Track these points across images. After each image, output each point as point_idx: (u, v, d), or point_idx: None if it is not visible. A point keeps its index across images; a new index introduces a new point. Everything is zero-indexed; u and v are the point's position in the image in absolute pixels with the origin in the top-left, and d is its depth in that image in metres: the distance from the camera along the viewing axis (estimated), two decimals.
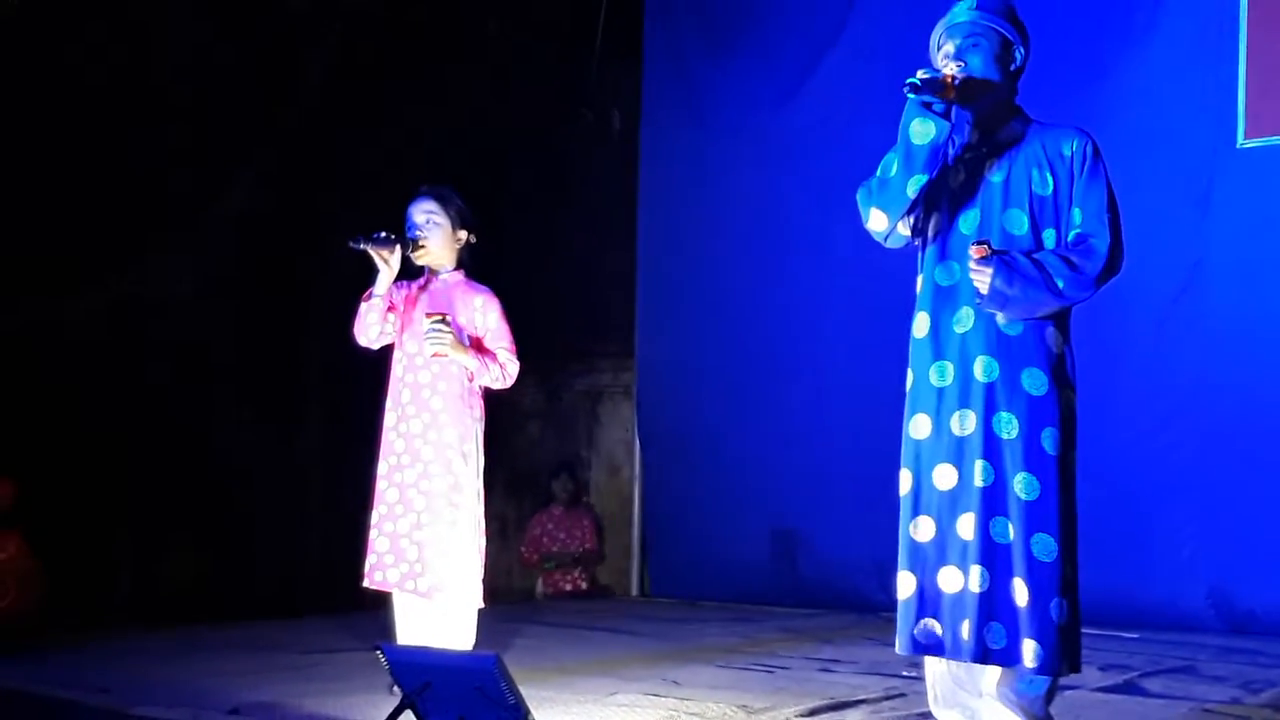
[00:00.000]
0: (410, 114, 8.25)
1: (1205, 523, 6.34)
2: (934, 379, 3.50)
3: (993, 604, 3.37)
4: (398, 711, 3.76)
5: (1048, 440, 3.39)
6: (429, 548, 4.79)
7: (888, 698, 4.60)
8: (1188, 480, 6.39)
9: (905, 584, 3.49)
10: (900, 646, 3.51)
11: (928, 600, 3.46)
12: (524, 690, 3.59)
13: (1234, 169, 6.44)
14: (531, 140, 8.80)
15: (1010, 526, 3.37)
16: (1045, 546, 3.35)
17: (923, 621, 3.46)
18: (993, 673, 3.46)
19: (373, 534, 4.86)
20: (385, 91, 8.21)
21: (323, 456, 6.99)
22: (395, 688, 4.32)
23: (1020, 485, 3.38)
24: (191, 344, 7.48)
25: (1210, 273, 6.45)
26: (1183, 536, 6.38)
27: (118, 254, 7.24)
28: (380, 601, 5.02)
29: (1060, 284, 3.38)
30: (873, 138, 3.54)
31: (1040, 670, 3.36)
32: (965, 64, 3.49)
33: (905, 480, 3.53)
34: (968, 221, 3.52)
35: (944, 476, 3.46)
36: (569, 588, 8.66)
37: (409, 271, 4.96)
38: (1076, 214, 3.47)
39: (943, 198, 3.56)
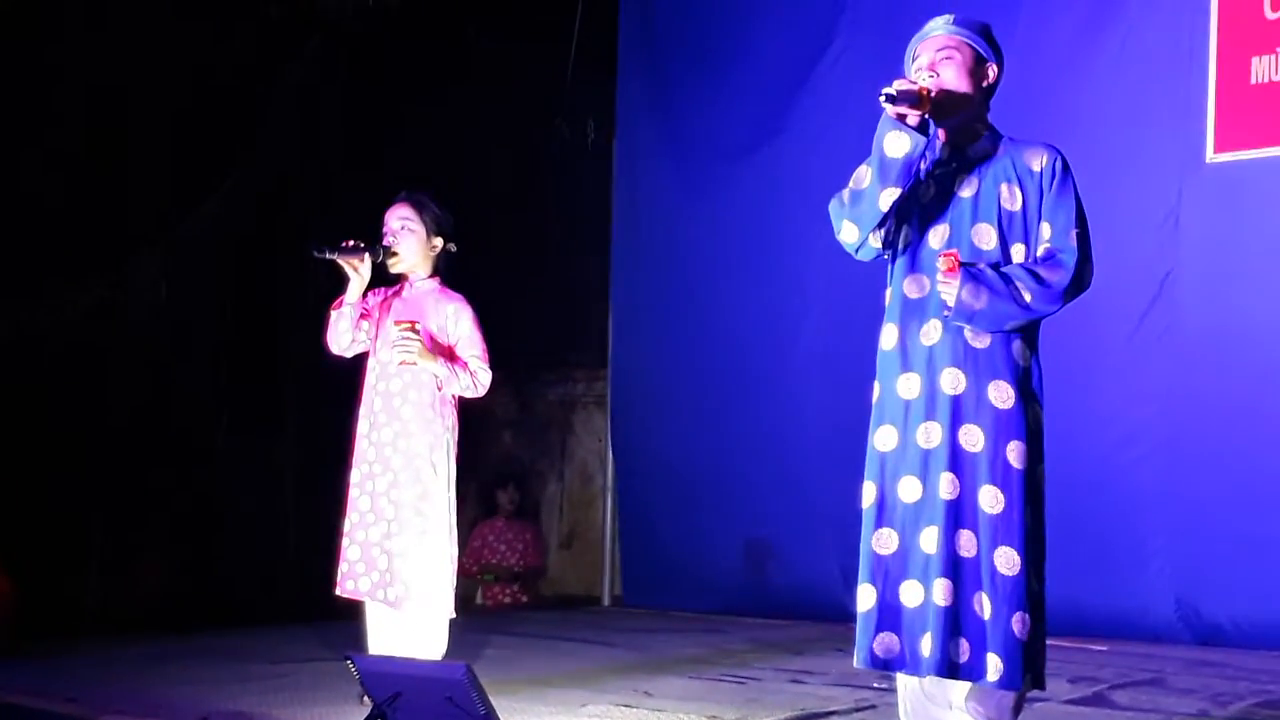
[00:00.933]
0: (387, 121, 8.24)
1: (1174, 535, 6.37)
2: (901, 391, 3.51)
3: (957, 618, 3.36)
4: None
5: (1013, 454, 3.39)
6: (398, 557, 4.79)
7: (858, 709, 4.61)
8: (1157, 493, 6.43)
9: (865, 597, 3.48)
10: (858, 660, 3.50)
11: (887, 614, 3.45)
12: (495, 701, 3.59)
13: (1203, 183, 6.47)
14: (507, 149, 8.80)
15: (974, 540, 3.37)
16: (1009, 560, 3.35)
17: (881, 635, 3.46)
18: (961, 687, 3.46)
19: (344, 542, 4.85)
20: (362, 99, 8.20)
21: (297, 464, 6.96)
22: (365, 697, 4.31)
23: (985, 498, 3.38)
24: (165, 350, 7.45)
25: (1180, 287, 6.48)
26: (1151, 548, 6.42)
27: (89, 259, 7.21)
28: (352, 611, 5.01)
29: (1027, 298, 3.39)
30: (850, 149, 3.55)
31: (1001, 685, 3.35)
32: (938, 75, 3.51)
33: (869, 492, 3.53)
34: (937, 236, 3.53)
35: (909, 489, 3.46)
36: (508, 600, 8.62)
37: (384, 278, 4.97)
38: (1045, 229, 3.48)
39: (913, 212, 3.58)
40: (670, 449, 8.01)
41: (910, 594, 3.42)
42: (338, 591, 4.87)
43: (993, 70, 3.58)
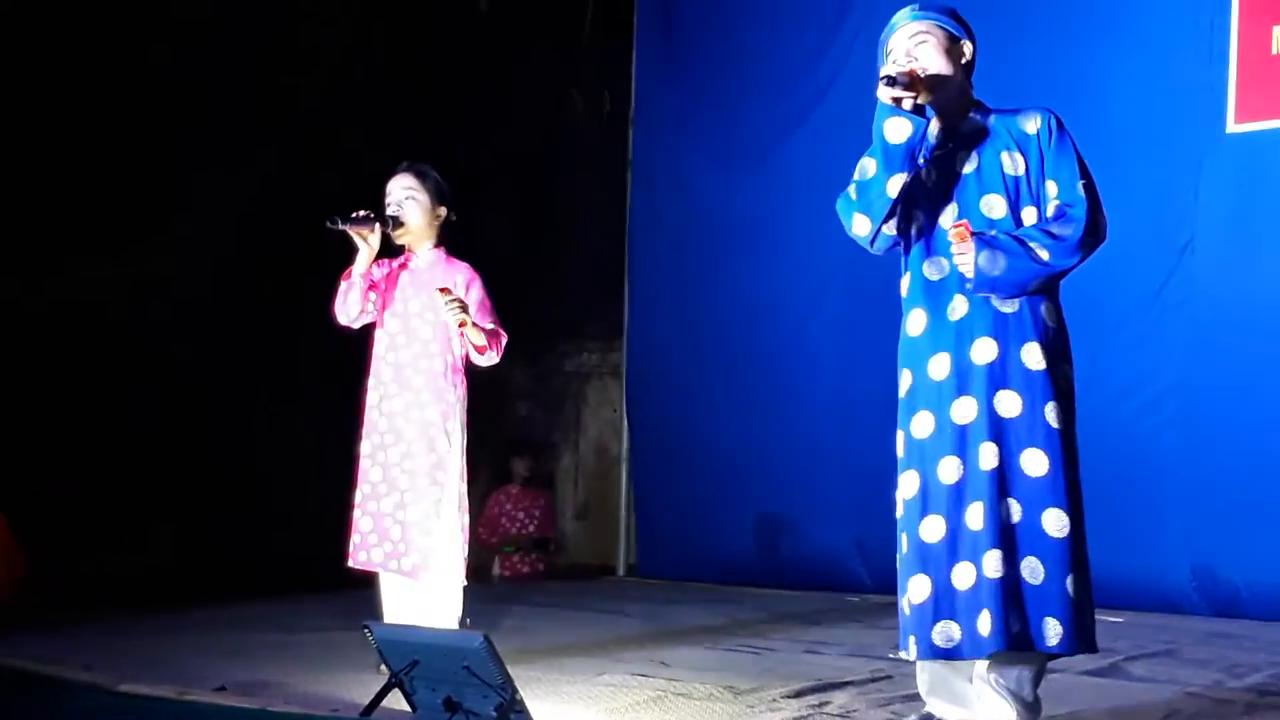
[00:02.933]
0: (403, 94, 8.22)
1: (1190, 505, 6.36)
2: (933, 373, 3.49)
3: (1013, 588, 3.35)
4: (385, 691, 3.76)
5: (1051, 414, 3.40)
6: (413, 527, 4.80)
7: (873, 679, 4.61)
8: (1173, 463, 6.42)
9: (919, 587, 3.44)
10: (916, 652, 3.46)
11: (943, 602, 3.42)
12: (512, 670, 3.59)
13: (1224, 153, 6.44)
14: (522, 120, 8.77)
15: (1019, 506, 3.37)
16: (1058, 522, 3.36)
17: (940, 625, 3.41)
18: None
19: (356, 513, 4.86)
20: (380, 72, 8.18)
21: (310, 435, 6.96)
22: (383, 666, 4.33)
23: (1028, 461, 3.38)
24: (179, 324, 7.45)
25: (1199, 256, 6.46)
26: (1168, 519, 6.41)
27: (106, 237, 7.21)
28: (367, 581, 5.02)
29: (1044, 255, 3.39)
30: (869, 115, 3.53)
31: (1061, 649, 3.35)
32: (918, 60, 3.52)
33: (911, 482, 3.50)
34: (948, 217, 3.53)
35: (948, 470, 3.43)
36: (526, 570, 8.62)
37: (388, 249, 4.96)
38: (1051, 187, 3.49)
39: (920, 198, 3.57)
40: (686, 420, 8.01)
41: (962, 576, 3.39)
42: (350, 563, 4.88)
43: (968, 47, 3.59)
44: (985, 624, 3.34)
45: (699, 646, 5.43)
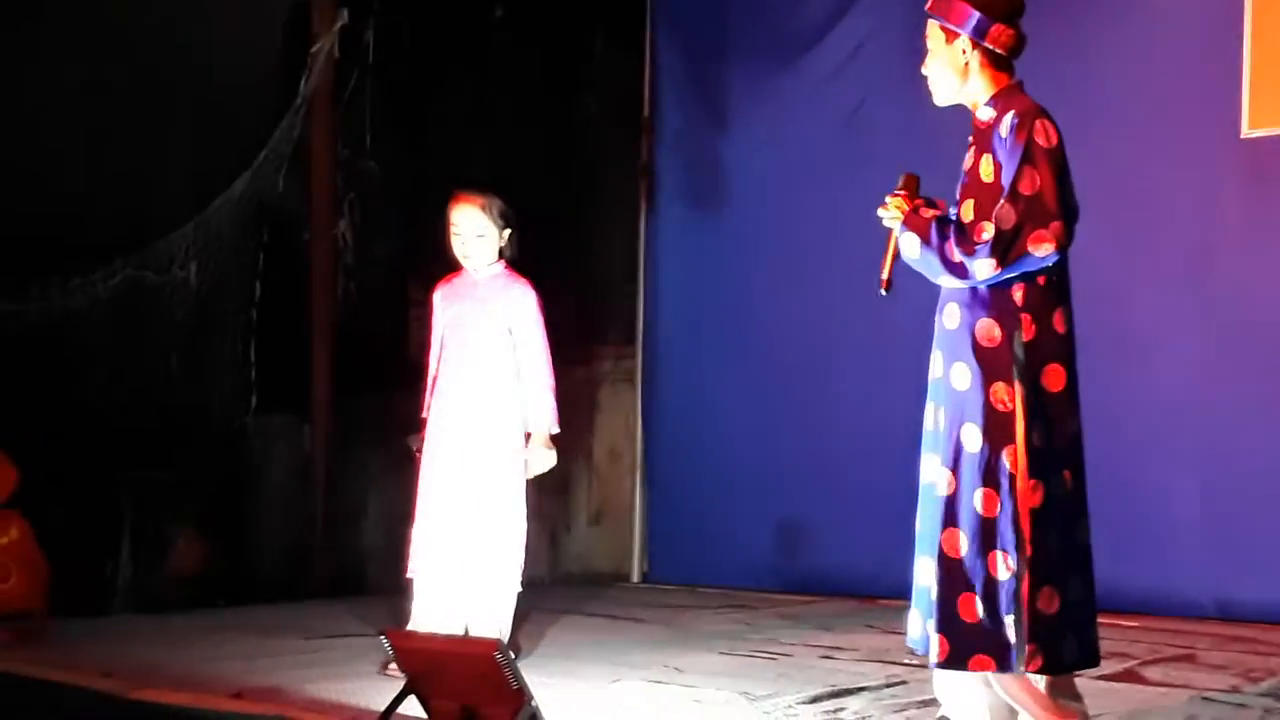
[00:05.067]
0: (414, 99, 8.23)
1: (1207, 511, 6.34)
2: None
3: (923, 594, 3.46)
4: (401, 697, 3.77)
5: (967, 436, 3.37)
6: (468, 538, 4.86)
7: (889, 685, 4.62)
8: (1189, 469, 6.40)
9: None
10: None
11: (911, 591, 3.55)
12: (526, 676, 3.60)
13: (1238, 159, 6.42)
14: (534, 124, 8.77)
15: (932, 524, 3.44)
16: (951, 542, 3.37)
17: (910, 611, 3.57)
18: None
19: (417, 526, 4.93)
20: (389, 76, 8.18)
21: (328, 442, 7.00)
22: (391, 666, 4.38)
23: (939, 480, 3.42)
24: (197, 328, 7.46)
25: (1215, 264, 6.44)
26: (1184, 525, 6.39)
27: (122, 238, 7.22)
28: (384, 587, 5.04)
29: (955, 255, 3.36)
30: (887, 122, 3.55)
31: (941, 665, 3.40)
32: (927, 71, 3.57)
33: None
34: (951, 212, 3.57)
35: (922, 468, 3.54)
36: None
37: (448, 265, 5.05)
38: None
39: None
40: (700, 426, 8.00)
41: (921, 571, 3.49)
42: (409, 573, 4.93)
43: (963, 42, 3.50)
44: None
45: (714, 652, 5.44)
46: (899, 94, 7.21)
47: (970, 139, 3.58)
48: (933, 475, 3.45)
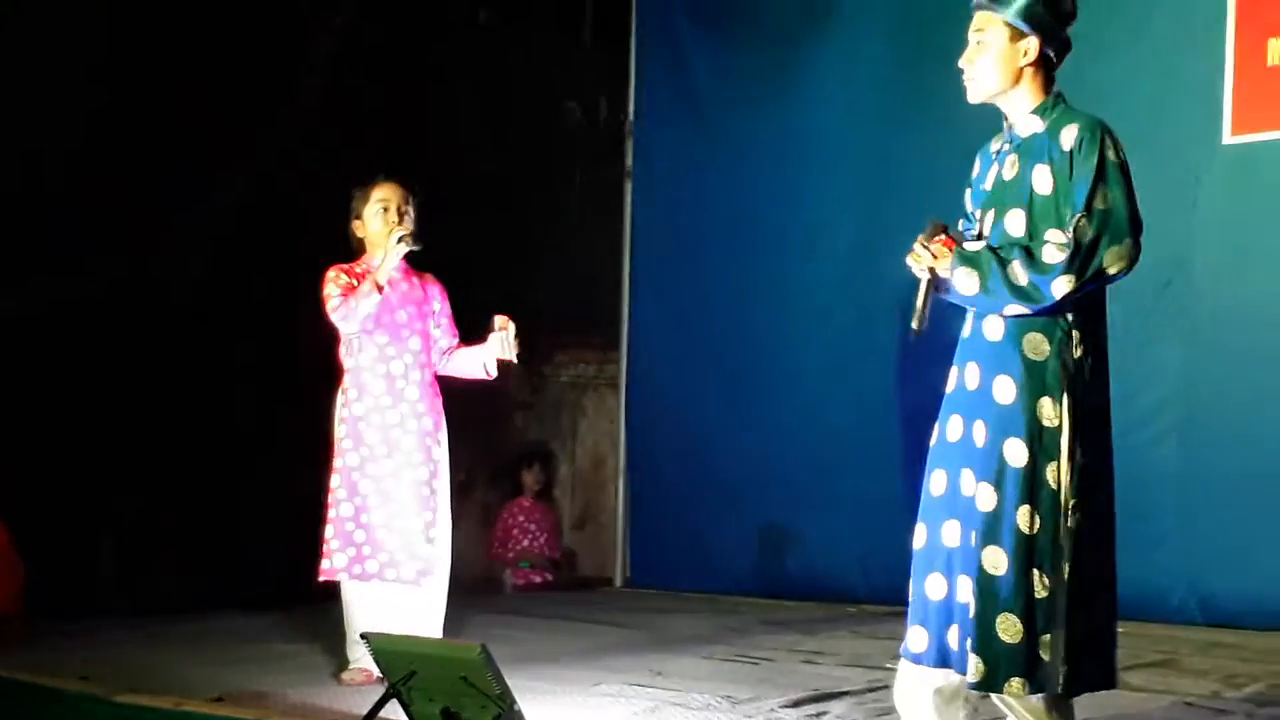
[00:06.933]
0: (401, 101, 8.23)
1: (1188, 516, 6.35)
2: (948, 383, 3.49)
3: (960, 612, 3.36)
4: (383, 701, 3.76)
5: (1010, 451, 3.31)
6: (414, 535, 4.83)
7: (870, 690, 4.62)
8: (1170, 474, 6.41)
9: (910, 590, 3.50)
10: (902, 648, 3.52)
11: (917, 607, 3.46)
12: (509, 680, 3.59)
13: (1220, 165, 6.45)
14: (518, 129, 8.77)
15: (975, 537, 3.34)
16: (994, 560, 3.29)
17: (912, 629, 3.47)
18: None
19: (347, 526, 4.86)
20: (379, 79, 8.18)
21: (311, 449, 6.96)
22: (343, 675, 4.39)
23: (981, 496, 3.33)
24: (179, 333, 7.44)
25: (1195, 269, 6.46)
26: (1165, 530, 6.39)
27: (109, 240, 7.20)
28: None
29: (1023, 280, 3.26)
30: (871, 126, 3.54)
31: (976, 685, 3.32)
32: (968, 66, 3.45)
33: (929, 480, 3.50)
34: (986, 222, 3.48)
35: (938, 482, 3.45)
36: (539, 580, 8.62)
37: (346, 255, 5.04)
38: (1067, 212, 3.32)
39: (977, 205, 3.55)
40: (683, 431, 8.00)
41: (934, 587, 3.42)
42: (341, 576, 4.88)
43: (1032, 44, 3.41)
44: (954, 638, 3.38)
45: (695, 656, 5.44)
46: (886, 101, 7.26)
47: (1000, 147, 3.51)
48: (966, 489, 3.36)
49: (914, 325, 3.40)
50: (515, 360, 4.92)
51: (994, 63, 3.43)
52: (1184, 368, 6.43)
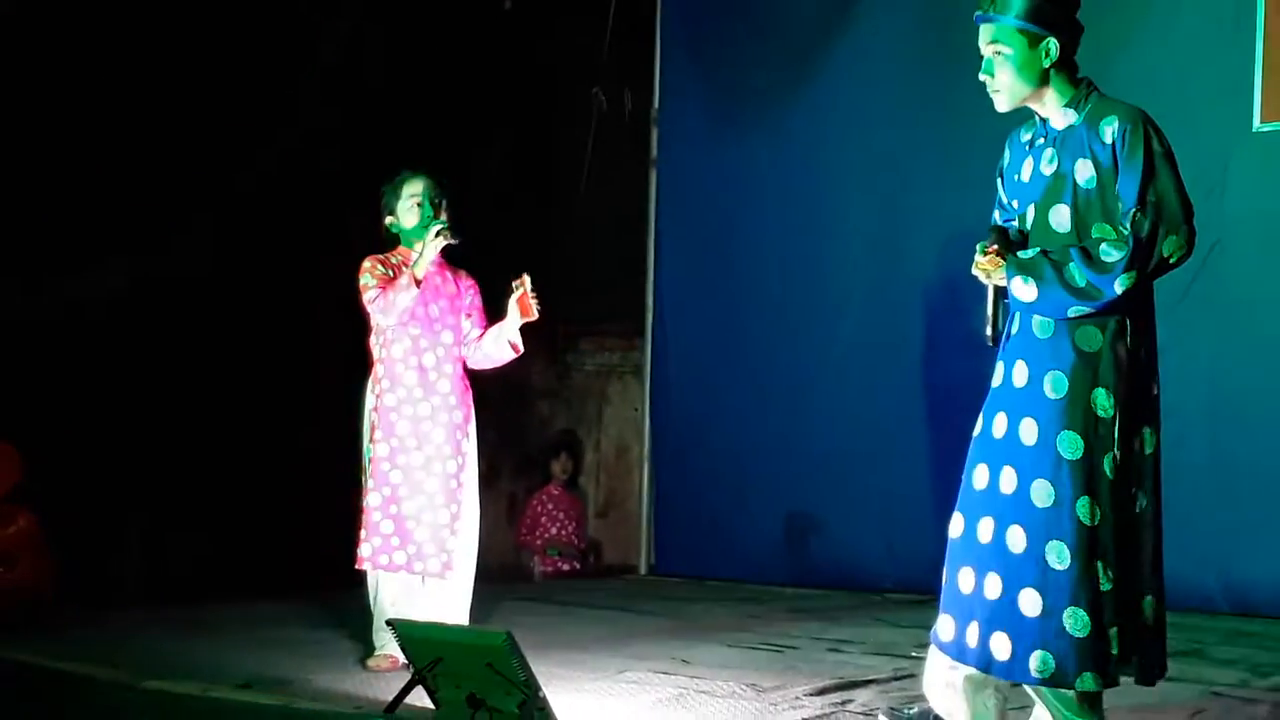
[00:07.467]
0: (425, 92, 8.23)
1: (1216, 505, 6.32)
2: (994, 378, 3.47)
3: (1002, 613, 3.31)
4: (409, 687, 3.77)
5: (1064, 445, 3.29)
6: (442, 528, 4.84)
7: (896, 678, 4.61)
8: (1199, 464, 6.37)
9: (943, 578, 3.49)
10: (931, 634, 3.51)
11: (949, 596, 3.45)
12: (534, 667, 3.60)
13: (1250, 152, 6.41)
14: (543, 118, 8.78)
15: (1025, 534, 3.30)
16: (1059, 555, 3.27)
17: (943, 616, 3.46)
18: None
19: (375, 516, 4.87)
20: (398, 71, 8.19)
21: (334, 437, 7.00)
22: (369, 661, 4.41)
23: (1037, 492, 3.30)
24: (204, 323, 7.48)
25: (1226, 256, 6.41)
26: (1193, 519, 6.35)
27: (133, 233, 7.23)
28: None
29: (1081, 281, 3.26)
30: (894, 115, 3.52)
31: (1048, 681, 3.29)
32: (991, 79, 3.43)
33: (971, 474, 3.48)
34: (1027, 218, 3.47)
35: (980, 476, 3.43)
36: (566, 568, 8.67)
37: (379, 247, 5.05)
38: (1118, 205, 3.31)
39: (1014, 194, 3.54)
40: (708, 418, 8.00)
41: (965, 580, 3.40)
42: (367, 565, 4.90)
43: (1052, 43, 3.39)
44: (973, 636, 3.37)
45: (721, 644, 5.43)
46: (909, 90, 7.23)
47: (1034, 140, 3.48)
48: (1006, 487, 3.33)
49: (987, 332, 3.43)
50: (536, 316, 4.89)
51: (1018, 72, 3.40)
52: (1215, 355, 6.40)
